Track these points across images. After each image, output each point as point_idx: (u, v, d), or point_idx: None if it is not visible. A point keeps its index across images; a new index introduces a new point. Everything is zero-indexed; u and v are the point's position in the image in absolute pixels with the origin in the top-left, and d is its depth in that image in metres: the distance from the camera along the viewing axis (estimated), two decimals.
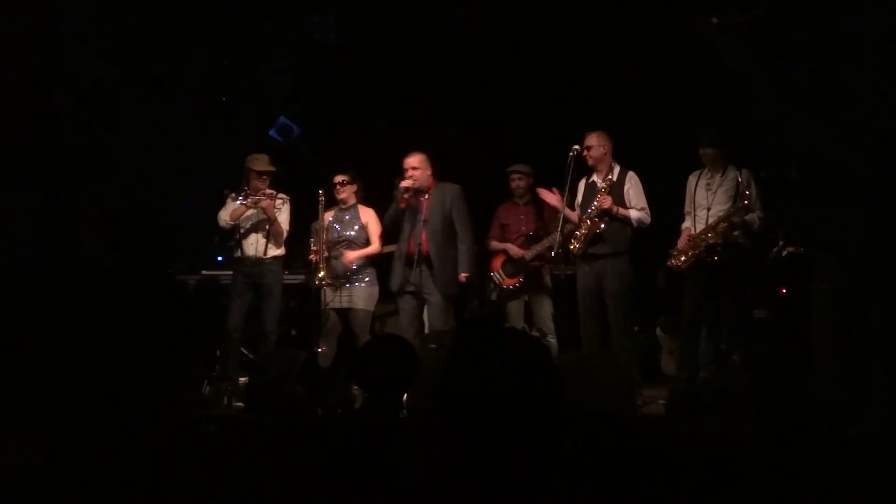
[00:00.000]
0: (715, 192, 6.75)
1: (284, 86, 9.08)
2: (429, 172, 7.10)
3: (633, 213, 6.85)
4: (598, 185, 6.94)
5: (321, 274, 7.00)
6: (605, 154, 6.96)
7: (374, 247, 7.27)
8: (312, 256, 7.13)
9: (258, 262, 7.16)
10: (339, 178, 7.29)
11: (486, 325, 3.82)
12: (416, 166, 7.05)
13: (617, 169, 6.96)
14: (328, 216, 7.32)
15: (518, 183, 7.65)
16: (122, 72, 7.50)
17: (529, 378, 1.83)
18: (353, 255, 7.13)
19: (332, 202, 7.36)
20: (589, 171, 7.07)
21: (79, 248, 7.23)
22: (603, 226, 6.80)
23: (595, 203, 6.84)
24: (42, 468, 1.27)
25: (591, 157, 6.95)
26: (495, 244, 7.67)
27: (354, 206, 7.33)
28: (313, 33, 8.93)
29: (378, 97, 9.16)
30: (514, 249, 7.53)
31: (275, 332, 7.24)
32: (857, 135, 5.39)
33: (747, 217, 6.62)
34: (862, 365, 5.39)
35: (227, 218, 7.14)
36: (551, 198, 7.03)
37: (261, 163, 7.22)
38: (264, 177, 7.21)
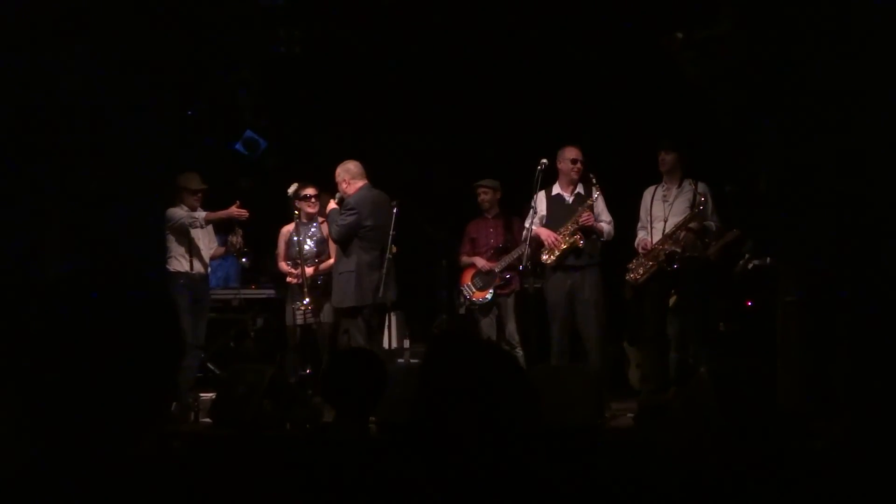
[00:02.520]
0: (672, 203, 6.80)
1: (250, 99, 9.05)
2: (343, 186, 7.02)
3: (605, 227, 6.91)
4: (567, 199, 6.96)
5: (307, 300, 6.94)
6: (572, 168, 7.01)
7: (332, 260, 7.24)
8: (294, 280, 7.05)
9: (203, 278, 7.26)
10: (311, 192, 7.26)
11: (459, 339, 3.82)
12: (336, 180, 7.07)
13: (582, 185, 7.03)
14: (288, 230, 7.27)
15: (483, 197, 7.71)
16: (84, 84, 7.42)
17: (504, 393, 1.84)
18: (314, 270, 7.07)
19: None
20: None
21: (41, 263, 7.14)
22: (582, 242, 6.83)
23: (581, 220, 6.84)
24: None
25: (578, 170, 6.97)
26: (465, 259, 7.72)
27: (315, 219, 7.31)
28: (279, 46, 8.92)
29: (345, 110, 9.18)
30: (482, 262, 7.57)
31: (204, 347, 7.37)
32: (824, 147, 5.46)
33: (705, 223, 6.69)
34: (827, 376, 5.47)
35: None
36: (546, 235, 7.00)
37: (195, 181, 7.30)
38: (199, 195, 7.29)
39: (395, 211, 7.02)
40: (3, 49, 6.79)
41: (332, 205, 7.00)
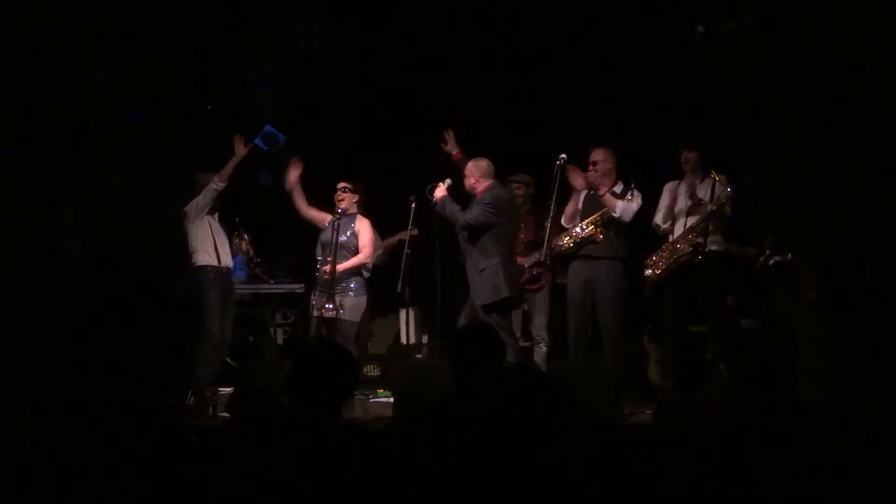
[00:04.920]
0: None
1: (269, 94, 9.04)
2: (472, 181, 6.95)
3: (619, 203, 6.82)
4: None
5: (329, 305, 6.93)
6: (610, 169, 6.98)
7: (362, 256, 7.17)
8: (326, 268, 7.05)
9: (229, 272, 7.32)
10: (341, 185, 7.19)
11: (482, 334, 3.82)
12: (464, 173, 7.02)
13: (621, 185, 6.96)
14: (325, 220, 7.25)
15: (517, 192, 7.67)
16: (106, 78, 7.44)
17: (535, 392, 1.82)
18: (340, 267, 7.04)
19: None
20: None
21: (60, 250, 7.17)
22: (602, 237, 6.81)
23: (588, 179, 6.85)
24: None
25: (596, 171, 6.95)
26: None
27: (354, 215, 7.22)
28: (298, 41, 8.91)
29: (365, 104, 9.16)
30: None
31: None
32: (847, 142, 5.37)
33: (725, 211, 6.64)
34: (848, 375, 5.32)
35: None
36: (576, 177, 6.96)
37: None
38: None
39: (412, 206, 7.03)
40: (26, 44, 6.83)
41: (443, 189, 6.90)
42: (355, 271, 7.15)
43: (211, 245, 7.14)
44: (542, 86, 8.85)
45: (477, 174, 6.90)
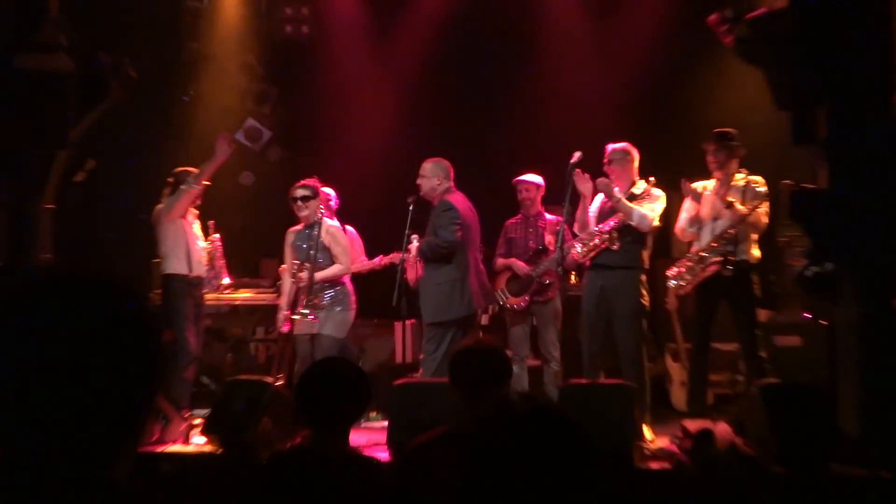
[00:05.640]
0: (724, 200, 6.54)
1: (253, 84, 8.82)
2: (436, 182, 6.77)
3: (636, 210, 6.54)
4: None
5: (304, 311, 6.62)
6: (628, 168, 6.70)
7: (339, 267, 6.80)
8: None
9: (201, 282, 6.99)
10: (299, 194, 6.77)
11: (485, 354, 3.73)
12: (420, 174, 6.85)
13: (642, 185, 6.69)
14: (291, 234, 6.93)
15: (525, 194, 7.40)
16: (82, 68, 7.17)
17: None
18: (319, 276, 6.70)
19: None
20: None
21: (32, 251, 6.86)
22: (617, 245, 6.54)
23: (597, 186, 6.57)
24: None
25: (612, 170, 6.70)
26: (501, 261, 7.41)
27: (319, 223, 6.77)
28: (285, 26, 8.69)
29: (355, 96, 9.04)
30: (519, 266, 7.26)
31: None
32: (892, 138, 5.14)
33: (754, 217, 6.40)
34: (892, 397, 5.20)
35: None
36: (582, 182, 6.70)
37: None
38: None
39: (410, 209, 6.81)
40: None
41: (415, 243, 6.78)
42: (338, 284, 6.82)
43: (183, 251, 6.81)
44: (552, 80, 8.74)
45: (442, 175, 6.77)
